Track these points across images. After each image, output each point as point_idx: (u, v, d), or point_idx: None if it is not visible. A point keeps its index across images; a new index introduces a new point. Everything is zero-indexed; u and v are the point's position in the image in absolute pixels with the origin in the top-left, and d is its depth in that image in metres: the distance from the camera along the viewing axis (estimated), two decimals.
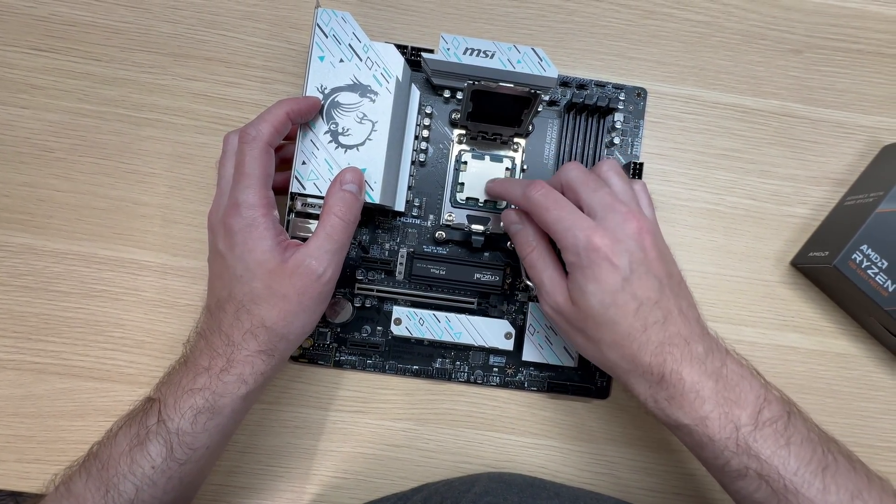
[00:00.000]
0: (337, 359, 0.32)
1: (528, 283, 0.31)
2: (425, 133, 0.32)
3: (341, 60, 0.27)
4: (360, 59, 0.27)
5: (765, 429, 0.22)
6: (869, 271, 0.30)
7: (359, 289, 0.31)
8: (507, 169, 0.31)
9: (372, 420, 0.32)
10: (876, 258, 0.30)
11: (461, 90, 0.31)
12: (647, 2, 0.33)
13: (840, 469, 0.22)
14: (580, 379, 0.32)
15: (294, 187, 0.27)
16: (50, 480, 0.23)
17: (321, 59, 0.27)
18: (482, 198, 0.31)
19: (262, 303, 0.23)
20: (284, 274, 0.23)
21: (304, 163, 0.27)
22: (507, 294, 0.32)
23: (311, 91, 0.27)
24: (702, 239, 0.33)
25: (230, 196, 0.24)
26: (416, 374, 0.32)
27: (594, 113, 0.32)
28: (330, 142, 0.27)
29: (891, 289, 0.29)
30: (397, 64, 0.28)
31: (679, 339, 0.23)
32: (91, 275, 0.32)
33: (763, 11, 0.33)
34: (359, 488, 0.32)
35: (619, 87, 0.32)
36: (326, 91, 0.27)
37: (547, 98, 0.32)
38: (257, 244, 0.23)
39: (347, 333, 0.32)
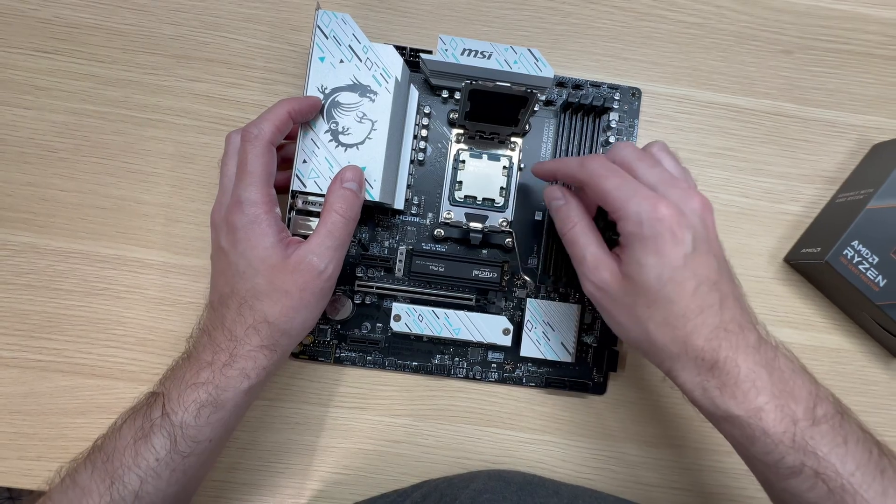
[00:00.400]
0: (337, 355, 0.32)
1: (526, 278, 0.31)
2: (424, 133, 0.32)
3: (341, 61, 0.28)
4: (360, 60, 0.28)
5: (821, 425, 0.21)
6: (860, 266, 0.30)
7: (359, 286, 0.32)
8: (504, 168, 0.32)
9: (372, 416, 0.32)
10: (867, 254, 0.30)
11: (459, 90, 0.32)
12: (641, 4, 0.34)
13: None
14: (577, 375, 0.32)
15: (295, 185, 0.27)
16: (55, 473, 0.23)
17: (322, 59, 0.28)
18: (480, 196, 0.32)
19: (265, 298, 0.24)
20: (286, 270, 0.24)
21: (304, 161, 0.27)
22: (505, 290, 0.32)
23: (312, 91, 0.27)
24: None
25: (233, 194, 0.25)
26: (416, 371, 0.32)
27: (590, 112, 0.32)
28: (330, 140, 0.28)
29: (882, 284, 0.30)
30: (396, 64, 0.28)
31: (734, 325, 0.22)
32: (94, 273, 0.32)
33: (754, 13, 0.34)
34: (359, 484, 0.32)
35: (614, 87, 0.33)
36: (327, 91, 0.28)
37: (543, 98, 0.32)
38: (260, 241, 0.24)
39: (347, 330, 0.32)
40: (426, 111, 0.32)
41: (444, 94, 0.32)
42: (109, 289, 0.32)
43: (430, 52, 0.30)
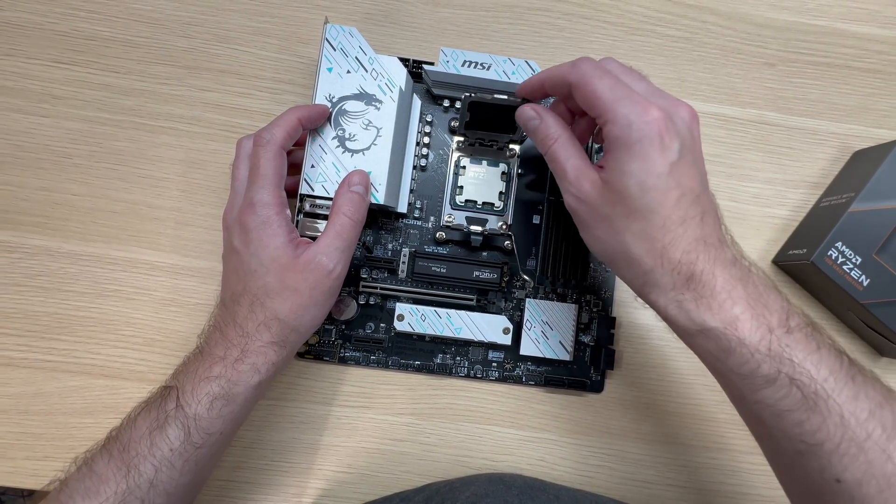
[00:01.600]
0: (341, 355, 0.33)
1: (526, 277, 0.33)
2: (426, 140, 0.34)
3: (348, 71, 0.29)
4: (366, 71, 0.29)
5: (795, 333, 0.21)
6: (844, 267, 0.31)
7: (363, 287, 0.33)
8: (503, 173, 0.33)
9: (375, 415, 0.33)
10: (850, 254, 0.31)
11: (460, 100, 0.33)
12: (631, 20, 0.36)
13: (867, 380, 0.21)
14: (576, 373, 0.33)
15: (303, 189, 0.28)
16: (71, 462, 0.24)
17: (329, 70, 0.29)
18: (480, 200, 0.33)
19: (276, 296, 0.25)
20: (297, 269, 0.25)
21: (313, 166, 0.29)
22: (505, 291, 0.33)
23: (320, 99, 0.29)
24: None
25: (245, 196, 0.26)
26: (418, 370, 0.33)
27: None
28: (337, 146, 0.29)
29: (865, 283, 0.31)
30: (400, 75, 0.30)
31: (713, 238, 0.21)
32: (104, 275, 0.33)
33: (738, 28, 0.36)
34: (362, 483, 0.32)
35: None
36: (334, 99, 0.29)
37: None
38: (271, 241, 0.25)
39: (352, 330, 0.33)
40: (428, 119, 0.33)
41: (446, 103, 0.33)
42: (119, 290, 0.33)
43: (432, 64, 0.32)
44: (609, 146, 0.22)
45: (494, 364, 0.33)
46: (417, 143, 0.33)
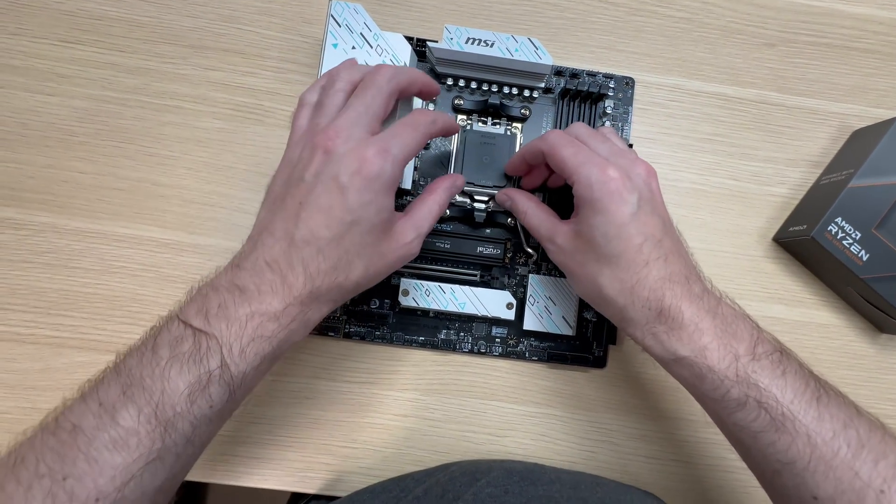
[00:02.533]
0: (346, 330, 0.33)
1: (529, 250, 0.33)
2: None
3: (353, 47, 0.30)
4: (371, 47, 0.30)
5: (762, 360, 0.23)
6: (844, 242, 0.32)
7: None
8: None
9: (379, 391, 0.33)
10: (850, 230, 0.32)
11: (463, 78, 0.33)
12: (633, 0, 0.36)
13: (832, 401, 0.23)
14: (578, 349, 0.33)
15: None
16: (78, 397, 0.21)
17: (335, 46, 0.29)
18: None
19: (366, 258, 0.23)
20: (392, 237, 0.24)
21: None
22: (508, 267, 0.34)
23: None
24: (689, 217, 0.35)
25: (384, 138, 0.23)
26: (423, 346, 0.33)
27: (586, 99, 0.34)
28: None
29: (865, 258, 0.32)
30: (405, 51, 0.30)
31: (679, 276, 0.24)
32: (110, 252, 0.33)
33: (739, 9, 0.36)
34: (367, 458, 0.33)
35: (608, 77, 0.35)
36: None
37: (542, 85, 0.34)
38: (386, 202, 0.23)
39: (357, 306, 0.33)
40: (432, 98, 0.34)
41: (450, 81, 0.34)
42: (126, 267, 0.33)
43: (436, 42, 0.32)
44: (577, 203, 0.25)
45: (498, 340, 0.33)
46: None
